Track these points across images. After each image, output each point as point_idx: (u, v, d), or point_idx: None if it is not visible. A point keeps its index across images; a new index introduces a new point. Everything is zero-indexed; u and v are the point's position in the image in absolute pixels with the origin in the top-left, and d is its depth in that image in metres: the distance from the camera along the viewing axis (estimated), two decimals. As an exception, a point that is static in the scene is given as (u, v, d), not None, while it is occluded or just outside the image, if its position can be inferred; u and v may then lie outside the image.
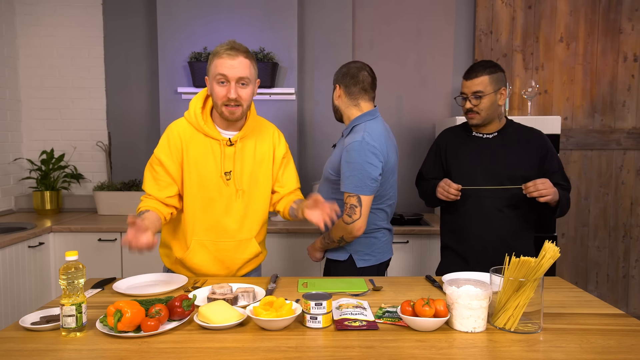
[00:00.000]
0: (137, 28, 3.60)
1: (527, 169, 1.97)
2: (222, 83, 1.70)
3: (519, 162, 1.98)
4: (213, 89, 1.72)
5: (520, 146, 2.00)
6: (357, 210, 1.89)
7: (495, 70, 1.97)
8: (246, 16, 3.30)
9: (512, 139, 2.02)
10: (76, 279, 1.30)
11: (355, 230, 1.91)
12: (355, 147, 1.89)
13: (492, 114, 1.99)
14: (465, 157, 2.06)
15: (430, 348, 1.22)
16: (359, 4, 3.55)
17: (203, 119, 1.78)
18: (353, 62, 2.08)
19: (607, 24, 3.47)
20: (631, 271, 3.59)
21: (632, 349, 1.21)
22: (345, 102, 2.04)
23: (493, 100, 1.96)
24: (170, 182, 1.80)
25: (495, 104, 1.98)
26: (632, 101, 3.51)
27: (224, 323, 1.33)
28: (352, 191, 1.89)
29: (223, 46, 1.71)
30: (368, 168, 1.87)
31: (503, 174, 1.97)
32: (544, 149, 1.99)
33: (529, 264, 1.33)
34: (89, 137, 3.66)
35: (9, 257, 2.66)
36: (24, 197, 3.65)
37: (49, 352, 1.21)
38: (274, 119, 3.34)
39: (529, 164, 1.98)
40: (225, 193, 1.81)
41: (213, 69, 1.71)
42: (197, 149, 1.78)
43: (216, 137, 1.78)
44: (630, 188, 3.56)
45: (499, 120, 2.04)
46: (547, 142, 2.01)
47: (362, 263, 2.03)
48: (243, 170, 1.82)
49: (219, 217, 1.82)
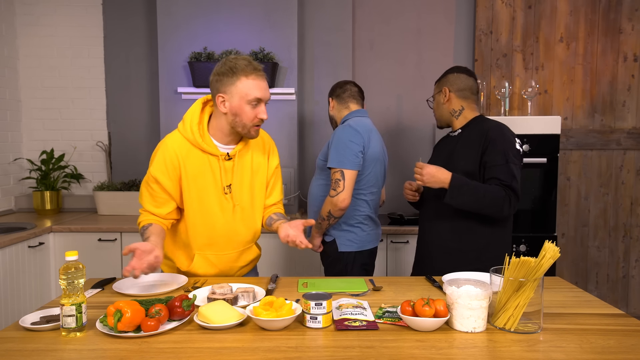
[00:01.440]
0: (137, 28, 3.60)
1: (466, 163, 1.92)
2: (254, 106, 1.67)
3: (462, 158, 1.95)
4: (243, 111, 1.66)
5: (469, 140, 1.97)
6: (340, 184, 2.09)
7: (444, 75, 2.07)
8: (246, 16, 3.30)
9: (467, 135, 2.00)
10: (76, 279, 1.30)
11: (340, 202, 2.10)
12: (339, 129, 2.19)
13: (441, 115, 2.09)
14: (434, 157, 2.16)
15: (430, 348, 1.22)
16: (359, 4, 3.55)
17: (200, 135, 1.73)
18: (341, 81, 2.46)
19: (607, 24, 3.47)
20: (631, 271, 3.59)
21: (632, 349, 1.21)
22: (337, 109, 2.38)
23: (437, 100, 2.09)
24: (167, 199, 1.77)
25: (439, 104, 2.08)
26: (632, 101, 3.51)
27: (224, 323, 1.33)
28: (336, 166, 2.12)
29: (246, 64, 1.64)
30: (350, 145, 2.11)
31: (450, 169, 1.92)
32: (486, 140, 1.89)
33: (529, 264, 1.33)
34: (89, 137, 3.66)
35: (9, 257, 2.66)
36: (24, 197, 3.65)
37: (49, 352, 1.21)
38: (274, 119, 3.35)
39: (469, 158, 1.93)
40: (226, 207, 1.80)
41: (245, 90, 1.64)
42: (195, 165, 1.74)
43: (215, 152, 1.74)
44: (630, 188, 3.56)
45: (455, 118, 2.06)
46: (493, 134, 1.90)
47: (344, 248, 2.23)
48: (242, 183, 1.82)
49: (220, 231, 1.82)
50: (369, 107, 3.55)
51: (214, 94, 1.70)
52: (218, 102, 1.68)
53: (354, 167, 2.12)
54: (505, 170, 1.85)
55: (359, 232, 2.25)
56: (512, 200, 1.84)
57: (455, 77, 2.05)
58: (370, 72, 3.59)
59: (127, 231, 3.01)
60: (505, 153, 1.87)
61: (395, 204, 3.62)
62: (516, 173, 1.86)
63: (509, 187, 1.83)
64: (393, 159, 3.59)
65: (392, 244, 2.99)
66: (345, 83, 2.42)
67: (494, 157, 1.87)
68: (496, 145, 1.88)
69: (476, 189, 1.84)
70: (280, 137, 3.37)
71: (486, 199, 1.83)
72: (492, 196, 1.83)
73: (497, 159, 1.86)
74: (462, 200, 1.85)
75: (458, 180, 1.85)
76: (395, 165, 3.60)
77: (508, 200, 1.83)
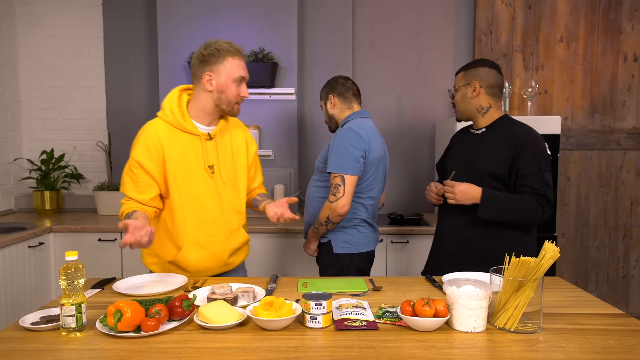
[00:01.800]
0: (137, 28, 3.60)
1: (495, 167, 1.89)
2: (239, 83, 1.80)
3: (489, 160, 1.91)
4: (229, 88, 1.78)
5: (497, 142, 1.92)
6: (340, 189, 2.05)
7: (474, 66, 1.99)
8: (246, 16, 3.30)
9: (494, 135, 1.95)
10: (76, 279, 1.30)
11: (339, 208, 2.05)
12: (341, 132, 2.11)
13: (466, 109, 2.02)
14: (454, 153, 2.11)
15: (430, 348, 1.22)
16: (359, 4, 3.55)
17: (181, 116, 1.79)
18: (336, 76, 2.32)
19: (607, 24, 3.47)
20: (631, 271, 3.59)
21: (632, 349, 1.21)
22: (340, 108, 2.26)
23: (463, 93, 2.00)
24: (150, 183, 1.78)
25: (466, 98, 2.00)
26: (632, 101, 3.51)
27: (224, 323, 1.33)
28: (337, 171, 2.06)
29: (229, 46, 1.77)
30: (351, 150, 2.05)
31: (474, 170, 1.93)
32: (518, 148, 1.86)
33: (529, 264, 1.33)
34: (89, 137, 3.66)
35: (9, 257, 2.66)
36: (24, 197, 3.65)
37: (49, 352, 1.21)
38: (274, 119, 3.36)
39: (498, 163, 1.89)
40: (211, 187, 1.84)
41: (231, 69, 1.77)
42: (178, 147, 1.78)
43: (196, 132, 1.80)
44: (630, 188, 3.56)
45: (481, 115, 1.99)
46: (525, 140, 1.87)
47: (339, 250, 2.18)
48: (225, 163, 1.87)
49: (208, 212, 1.85)
50: (369, 107, 3.55)
51: (200, 74, 1.78)
52: (205, 80, 1.77)
53: (355, 172, 2.07)
54: (539, 179, 1.84)
55: (355, 234, 2.20)
56: (545, 209, 1.84)
57: (487, 72, 1.96)
58: (370, 72, 3.59)
59: (127, 231, 3.01)
60: (538, 161, 1.85)
61: (396, 204, 3.62)
62: (549, 181, 1.86)
63: (543, 195, 1.83)
64: (393, 159, 3.59)
65: (392, 244, 2.99)
66: (345, 79, 2.30)
67: (526, 165, 1.84)
68: (529, 152, 1.85)
69: (507, 201, 1.84)
70: (280, 137, 3.37)
71: (518, 210, 1.84)
72: (524, 207, 1.83)
73: (531, 166, 1.84)
74: (494, 213, 1.86)
75: (489, 194, 1.85)
76: (395, 166, 3.60)
77: (541, 209, 1.83)
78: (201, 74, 1.78)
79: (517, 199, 1.84)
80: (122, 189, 1.81)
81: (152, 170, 1.76)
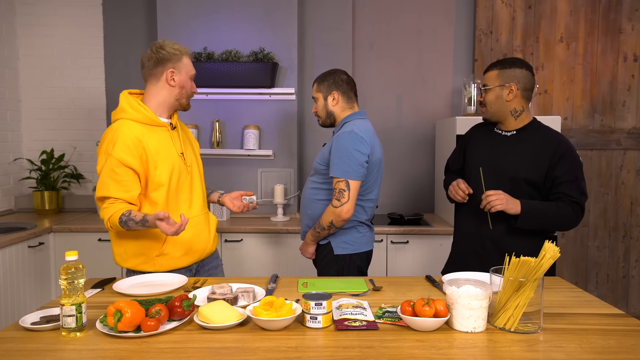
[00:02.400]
0: (137, 28, 3.60)
1: (531, 172, 1.90)
2: (192, 80, 1.97)
3: (523, 164, 1.91)
4: (187, 83, 1.95)
5: (531, 148, 1.92)
6: (345, 194, 2.03)
7: (509, 66, 1.93)
8: (246, 16, 3.30)
9: (528, 139, 1.94)
10: (76, 279, 1.30)
11: (344, 214, 2.04)
12: (344, 136, 2.07)
13: (499, 110, 1.96)
14: (479, 151, 2.05)
15: (430, 348, 1.22)
16: (359, 4, 3.55)
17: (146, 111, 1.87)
18: (337, 70, 2.24)
19: (607, 24, 3.47)
20: (631, 271, 3.59)
21: (632, 349, 1.21)
22: (341, 107, 2.22)
23: (498, 94, 1.93)
24: (134, 180, 1.80)
25: (501, 99, 1.93)
26: (632, 101, 3.51)
27: (224, 323, 1.33)
28: (341, 176, 2.04)
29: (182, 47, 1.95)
30: (356, 155, 2.03)
31: (506, 173, 1.93)
32: (556, 155, 1.88)
33: (529, 264, 1.33)
34: (89, 137, 3.66)
35: (9, 257, 2.66)
36: (24, 197, 3.65)
37: (49, 352, 1.21)
38: (274, 119, 3.36)
39: (534, 168, 1.90)
40: (185, 172, 1.95)
41: (188, 67, 1.94)
42: (153, 140, 1.85)
43: (162, 124, 1.92)
44: (630, 188, 3.56)
45: (514, 118, 1.96)
46: (563, 149, 1.89)
47: (339, 250, 2.16)
48: (187, 150, 2.00)
49: (188, 195, 1.96)
50: (369, 107, 3.56)
51: (161, 71, 1.89)
52: (168, 77, 1.89)
53: (359, 177, 2.05)
54: (576, 188, 1.88)
55: (354, 234, 2.18)
56: (579, 217, 1.89)
57: (524, 74, 1.93)
58: (370, 72, 3.59)
59: (127, 231, 3.01)
60: (575, 170, 1.89)
61: (396, 204, 3.62)
62: (585, 190, 1.90)
63: (578, 204, 1.87)
64: (392, 159, 3.59)
65: (392, 244, 2.99)
66: (348, 77, 2.24)
67: (564, 174, 1.87)
68: (567, 161, 1.88)
69: (545, 212, 1.87)
70: (280, 137, 3.37)
71: (556, 219, 1.87)
72: (561, 216, 1.86)
73: (568, 176, 1.88)
74: (533, 223, 1.88)
75: (528, 206, 1.85)
76: (394, 166, 3.60)
77: (575, 216, 1.88)
78: (162, 72, 1.89)
79: (553, 208, 1.87)
80: (103, 192, 1.78)
81: (136, 167, 1.79)
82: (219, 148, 3.33)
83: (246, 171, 3.41)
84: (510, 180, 1.93)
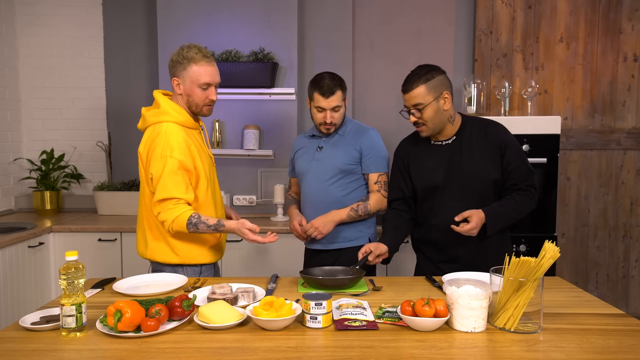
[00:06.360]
0: (137, 28, 3.60)
1: (492, 169, 1.88)
2: (204, 89, 1.90)
3: (482, 166, 1.88)
4: (194, 93, 1.90)
5: (479, 146, 1.89)
6: (385, 185, 2.22)
7: (432, 76, 1.85)
8: (246, 16, 3.30)
9: (471, 140, 1.91)
10: (76, 279, 1.30)
11: (387, 204, 2.19)
12: (374, 134, 2.27)
13: (440, 122, 1.90)
14: (428, 169, 1.97)
15: (430, 348, 1.22)
16: (359, 4, 3.55)
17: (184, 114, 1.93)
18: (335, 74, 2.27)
19: (607, 24, 3.47)
20: (631, 271, 3.59)
21: (632, 349, 1.21)
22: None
23: (436, 108, 1.86)
24: (189, 183, 1.87)
25: (440, 111, 1.87)
26: (632, 101, 3.51)
27: (224, 323, 1.33)
28: (384, 170, 2.24)
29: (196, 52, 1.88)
30: (385, 150, 2.27)
31: (470, 180, 1.89)
32: (502, 142, 1.88)
33: (529, 264, 1.33)
34: (89, 137, 3.66)
35: (9, 257, 2.66)
36: (24, 197, 3.65)
37: (49, 352, 1.21)
38: (274, 119, 3.36)
39: (491, 164, 1.88)
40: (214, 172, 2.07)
41: (195, 75, 1.87)
42: (194, 142, 1.92)
43: (197, 126, 2.00)
44: (630, 188, 3.56)
45: (451, 124, 1.93)
46: (504, 134, 1.90)
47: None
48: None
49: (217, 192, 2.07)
50: (369, 107, 3.56)
51: (170, 78, 1.93)
52: (174, 85, 1.92)
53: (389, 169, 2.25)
54: (525, 170, 1.90)
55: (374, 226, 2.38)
56: (535, 196, 1.92)
57: (445, 77, 1.89)
58: (370, 72, 3.58)
59: (127, 231, 3.01)
60: (520, 153, 1.91)
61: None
62: (531, 167, 1.92)
63: (531, 185, 1.90)
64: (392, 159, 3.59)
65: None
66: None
67: (512, 160, 1.89)
68: (511, 148, 1.90)
69: (508, 212, 1.89)
70: (280, 137, 3.37)
71: (519, 213, 1.90)
72: (522, 205, 1.89)
73: (516, 161, 1.90)
74: (500, 226, 1.89)
75: (491, 213, 1.84)
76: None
77: (533, 198, 1.91)
78: (171, 79, 1.93)
79: (512, 203, 1.89)
80: (166, 194, 1.79)
81: (190, 168, 1.86)
82: (219, 148, 3.33)
83: (246, 171, 3.41)
84: (477, 186, 1.89)
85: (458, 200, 1.89)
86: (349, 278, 1.71)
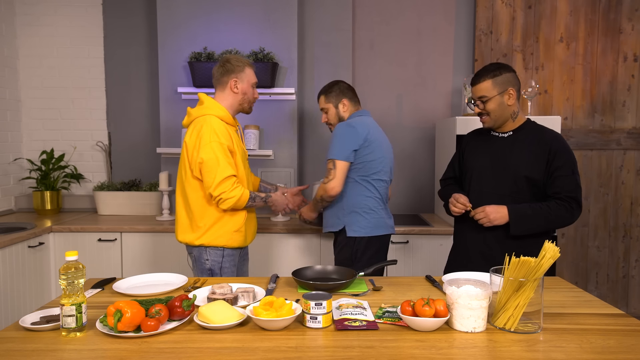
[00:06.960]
0: (137, 28, 3.60)
1: (531, 169, 1.94)
2: (254, 87, 2.30)
3: (523, 162, 1.96)
4: (249, 90, 2.28)
5: (529, 146, 1.97)
6: (331, 172, 2.28)
7: (500, 72, 1.97)
8: (246, 16, 3.30)
9: (524, 138, 2.00)
10: (76, 279, 1.30)
11: (329, 190, 2.28)
12: (337, 127, 2.37)
13: (502, 115, 2.00)
14: (478, 155, 2.10)
15: (430, 348, 1.22)
16: (359, 4, 3.55)
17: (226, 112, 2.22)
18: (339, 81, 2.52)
19: (607, 24, 3.47)
20: (631, 271, 3.59)
21: (632, 349, 1.22)
22: (350, 110, 2.48)
23: (499, 102, 1.98)
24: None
25: (503, 105, 1.98)
26: (632, 101, 3.51)
27: (224, 323, 1.33)
28: (329, 157, 2.31)
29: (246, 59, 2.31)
30: (343, 139, 2.30)
31: (508, 173, 1.97)
32: (552, 150, 1.94)
33: (529, 264, 1.33)
34: (89, 137, 3.66)
35: (9, 257, 2.66)
36: (24, 197, 3.65)
37: (49, 352, 1.21)
38: (274, 119, 3.36)
39: (533, 165, 1.94)
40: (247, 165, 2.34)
41: (250, 76, 2.28)
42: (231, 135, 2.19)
43: (235, 124, 2.29)
44: (630, 188, 3.56)
45: (512, 120, 2.02)
46: (558, 143, 1.96)
47: (352, 233, 2.34)
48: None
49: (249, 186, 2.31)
50: (369, 107, 3.55)
51: (227, 80, 2.24)
52: (232, 84, 2.24)
53: (344, 158, 2.28)
54: (571, 182, 1.92)
55: (368, 218, 2.34)
56: (575, 212, 1.93)
57: (514, 77, 1.99)
58: (370, 72, 3.59)
59: (127, 231, 3.01)
60: (570, 165, 1.94)
61: (396, 204, 3.62)
62: (580, 184, 1.95)
63: (574, 198, 1.91)
64: (393, 159, 3.59)
65: (392, 244, 2.99)
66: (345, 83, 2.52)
67: (560, 168, 1.92)
68: (562, 156, 1.93)
69: (536, 217, 1.90)
70: (280, 137, 3.37)
71: (549, 222, 1.92)
72: (555, 217, 1.91)
73: (564, 170, 1.93)
74: (527, 228, 1.92)
75: (516, 211, 1.90)
76: (395, 166, 3.60)
77: (571, 214, 1.92)
78: (227, 81, 2.24)
79: (544, 209, 1.90)
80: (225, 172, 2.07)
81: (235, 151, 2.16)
82: (219, 148, 3.32)
83: (246, 171, 3.41)
84: (512, 180, 1.96)
85: (492, 188, 2.00)
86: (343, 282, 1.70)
